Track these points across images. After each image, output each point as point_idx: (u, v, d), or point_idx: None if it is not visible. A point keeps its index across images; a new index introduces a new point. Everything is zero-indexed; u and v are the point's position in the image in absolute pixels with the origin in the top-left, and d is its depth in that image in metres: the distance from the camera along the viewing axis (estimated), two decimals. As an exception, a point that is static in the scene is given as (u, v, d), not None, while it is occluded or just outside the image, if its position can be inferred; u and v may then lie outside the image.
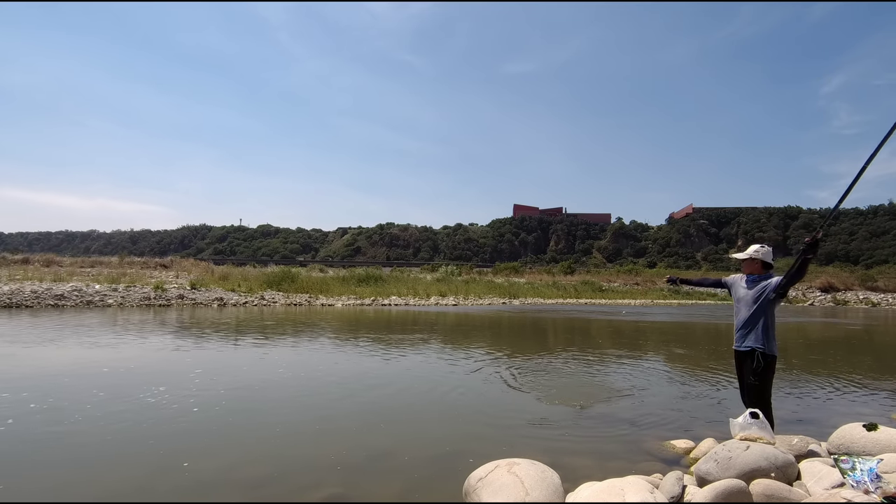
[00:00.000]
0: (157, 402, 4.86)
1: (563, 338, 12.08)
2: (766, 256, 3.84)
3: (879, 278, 42.90)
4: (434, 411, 5.00)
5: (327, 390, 5.66)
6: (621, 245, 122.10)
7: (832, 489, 2.74)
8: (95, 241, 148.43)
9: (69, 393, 5.13)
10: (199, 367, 6.78)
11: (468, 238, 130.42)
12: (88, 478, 3.13)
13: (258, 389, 5.57)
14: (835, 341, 13.02)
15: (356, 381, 6.23)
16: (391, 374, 6.77)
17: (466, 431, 4.32)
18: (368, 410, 4.91)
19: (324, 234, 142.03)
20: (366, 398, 5.41)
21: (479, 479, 2.88)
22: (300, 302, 20.07)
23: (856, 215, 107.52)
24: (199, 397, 5.11)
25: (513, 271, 51.66)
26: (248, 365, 7.14)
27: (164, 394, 5.18)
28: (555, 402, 5.36)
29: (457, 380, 6.45)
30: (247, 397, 5.22)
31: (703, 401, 5.66)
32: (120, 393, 5.16)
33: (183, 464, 3.37)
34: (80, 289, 17.20)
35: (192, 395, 5.20)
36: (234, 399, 5.11)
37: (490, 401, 5.43)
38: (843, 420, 4.32)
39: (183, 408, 4.72)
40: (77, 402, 4.77)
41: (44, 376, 5.86)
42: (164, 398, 5.01)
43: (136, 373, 6.22)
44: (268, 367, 6.94)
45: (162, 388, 5.39)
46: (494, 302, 26.08)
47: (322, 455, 3.61)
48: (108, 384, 5.53)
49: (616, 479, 2.84)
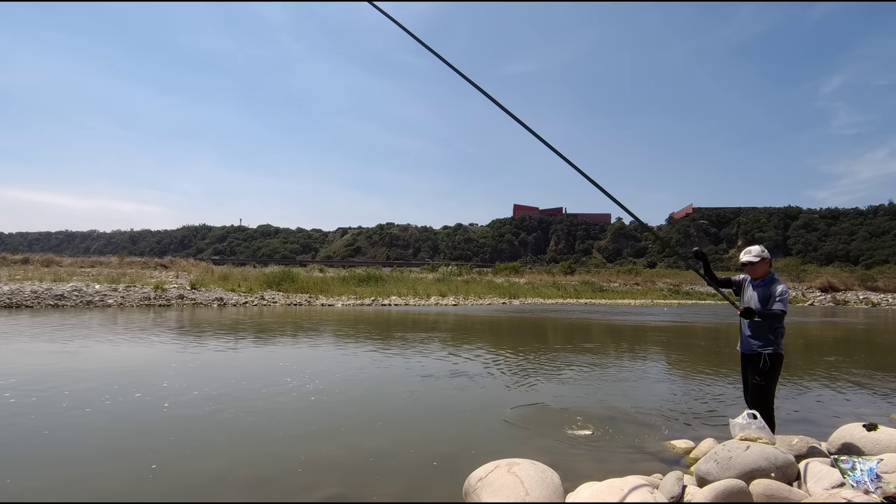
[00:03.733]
0: (156, 402, 4.86)
1: (563, 338, 12.08)
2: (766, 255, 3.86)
3: (879, 278, 42.90)
4: (434, 411, 5.00)
5: (327, 390, 5.65)
6: (621, 245, 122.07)
7: (832, 489, 2.74)
8: (95, 241, 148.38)
9: (64, 393, 5.13)
10: (198, 367, 6.78)
11: (468, 238, 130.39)
12: (87, 478, 3.13)
13: (257, 389, 5.56)
14: (835, 341, 13.02)
15: (356, 381, 6.23)
16: (391, 375, 6.77)
17: (466, 431, 4.32)
18: (368, 410, 4.91)
19: (324, 234, 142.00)
20: (366, 398, 5.41)
21: (479, 479, 2.88)
22: (300, 302, 20.07)
23: (856, 215, 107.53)
24: (199, 397, 5.11)
25: (513, 271, 51.67)
26: (248, 365, 7.14)
27: (164, 393, 5.18)
28: (555, 403, 5.36)
29: (457, 380, 6.45)
30: (246, 397, 5.21)
31: (703, 401, 5.65)
32: (120, 393, 5.17)
33: (182, 464, 3.37)
34: (80, 289, 17.20)
35: (191, 394, 5.19)
36: (233, 399, 5.10)
37: (490, 401, 5.42)
38: (843, 420, 4.32)
39: (183, 408, 4.71)
40: (75, 402, 4.78)
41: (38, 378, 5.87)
42: (163, 398, 5.01)
43: (137, 373, 6.22)
44: (267, 367, 6.94)
45: (162, 388, 5.39)
46: (494, 302, 26.08)
47: (322, 455, 3.60)
48: (108, 384, 5.53)
49: (616, 479, 2.84)
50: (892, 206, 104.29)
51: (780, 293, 3.65)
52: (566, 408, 5.15)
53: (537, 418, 4.74)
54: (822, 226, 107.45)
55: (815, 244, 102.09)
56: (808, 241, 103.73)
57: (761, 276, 3.82)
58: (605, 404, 5.36)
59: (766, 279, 3.80)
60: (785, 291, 3.66)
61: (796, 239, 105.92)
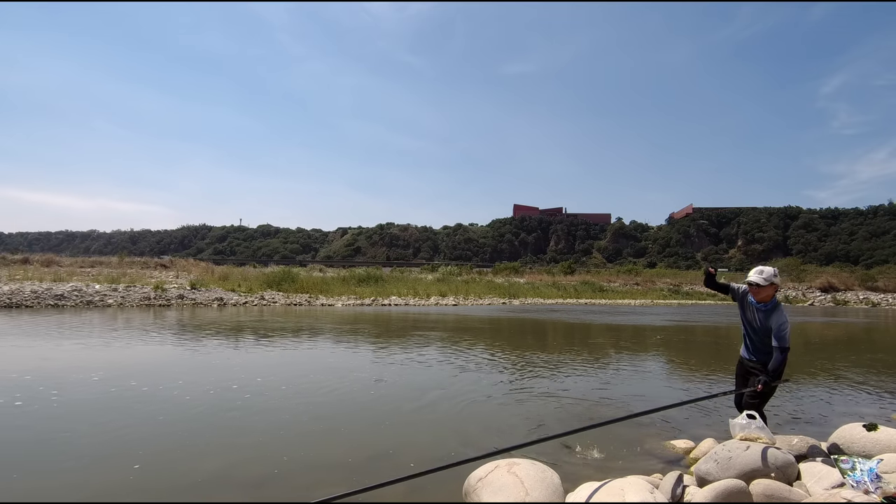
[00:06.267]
0: (157, 402, 4.86)
1: (562, 338, 12.08)
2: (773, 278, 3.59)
3: (879, 278, 42.83)
4: (434, 411, 4.99)
5: (327, 390, 5.65)
6: (621, 245, 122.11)
7: (832, 489, 2.74)
8: (95, 241, 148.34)
9: (58, 394, 5.13)
10: (198, 367, 6.78)
11: (468, 238, 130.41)
12: (86, 477, 3.13)
13: (258, 389, 5.56)
14: (835, 341, 13.01)
15: (356, 381, 6.22)
16: (391, 375, 6.76)
17: (466, 431, 4.32)
18: (368, 410, 4.90)
19: (324, 234, 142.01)
20: (365, 398, 5.41)
21: (480, 479, 2.88)
22: (300, 302, 20.07)
23: (856, 215, 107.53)
24: (198, 397, 5.11)
25: (513, 271, 51.62)
26: (248, 365, 7.14)
27: (164, 393, 5.18)
28: (556, 403, 5.36)
29: (456, 379, 6.45)
30: (246, 397, 5.21)
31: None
32: (119, 392, 5.17)
33: (182, 464, 3.37)
34: (80, 289, 17.20)
35: (191, 394, 5.20)
36: (233, 399, 5.10)
37: (490, 401, 5.42)
38: (843, 420, 4.32)
39: (182, 408, 4.72)
40: (70, 403, 4.78)
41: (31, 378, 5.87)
42: (163, 398, 5.01)
43: (136, 373, 6.21)
44: (267, 367, 6.94)
45: (161, 388, 5.39)
46: (494, 302, 26.07)
47: (322, 455, 3.61)
48: (106, 384, 5.53)
49: (616, 479, 2.84)
50: (892, 206, 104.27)
51: (779, 329, 3.45)
52: (566, 407, 5.16)
53: (537, 418, 4.74)
54: (822, 226, 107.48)
55: (815, 244, 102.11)
56: (808, 241, 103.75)
57: (763, 301, 3.59)
58: (605, 404, 5.36)
59: (768, 305, 3.58)
60: (784, 325, 3.45)
61: (796, 239, 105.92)
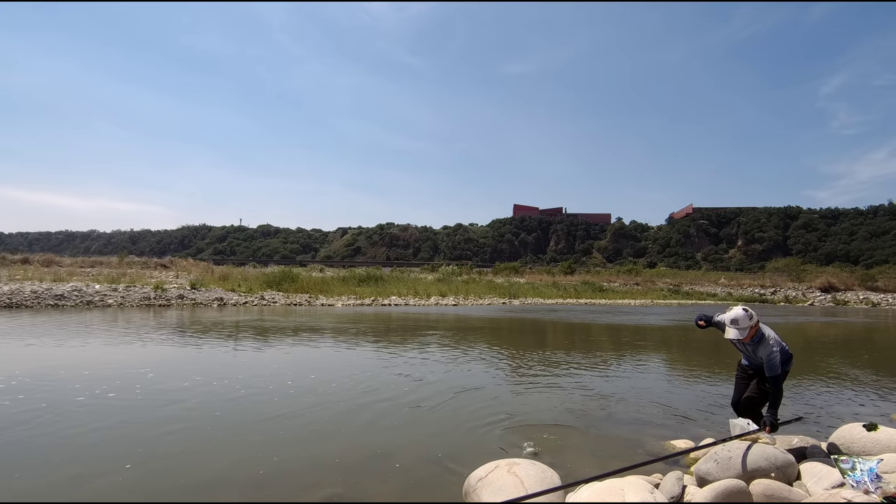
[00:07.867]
0: (156, 402, 4.86)
1: (563, 338, 12.08)
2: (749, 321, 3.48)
3: (879, 278, 42.82)
4: (434, 411, 4.99)
5: (326, 390, 5.65)
6: (621, 245, 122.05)
7: (832, 489, 2.74)
8: (95, 241, 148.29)
9: (54, 394, 5.13)
10: (198, 367, 6.78)
11: (468, 238, 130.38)
12: (86, 477, 3.13)
13: (258, 389, 5.56)
14: (835, 341, 13.02)
15: (355, 381, 6.22)
16: (390, 375, 6.76)
17: (466, 431, 4.32)
18: (368, 410, 4.90)
19: (324, 234, 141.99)
20: (365, 398, 5.40)
21: (479, 479, 2.88)
22: (300, 302, 20.07)
23: (856, 215, 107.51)
24: (198, 397, 5.11)
25: (513, 271, 51.61)
26: (248, 365, 7.14)
27: (164, 393, 5.18)
28: (556, 403, 5.36)
29: (456, 380, 6.45)
30: (246, 397, 5.22)
31: (703, 401, 5.66)
32: (118, 392, 5.17)
33: (182, 464, 3.37)
34: (80, 289, 17.20)
35: (191, 394, 5.20)
36: (233, 399, 5.11)
37: (490, 400, 5.42)
38: (843, 420, 4.33)
39: (182, 408, 4.72)
40: (67, 404, 4.78)
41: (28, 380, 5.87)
42: (163, 398, 5.01)
43: (135, 372, 6.21)
44: (267, 367, 6.94)
45: (160, 388, 5.40)
46: (494, 302, 26.07)
47: (322, 455, 3.61)
48: (105, 383, 5.53)
49: (616, 479, 2.84)
50: (891, 206, 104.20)
51: (769, 359, 3.42)
52: (566, 407, 5.16)
53: (537, 418, 4.74)
54: (822, 226, 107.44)
55: (815, 244, 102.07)
56: (808, 241, 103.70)
57: (750, 338, 3.57)
58: (605, 404, 5.36)
59: (754, 339, 3.57)
60: (773, 355, 3.41)
61: (796, 239, 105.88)
